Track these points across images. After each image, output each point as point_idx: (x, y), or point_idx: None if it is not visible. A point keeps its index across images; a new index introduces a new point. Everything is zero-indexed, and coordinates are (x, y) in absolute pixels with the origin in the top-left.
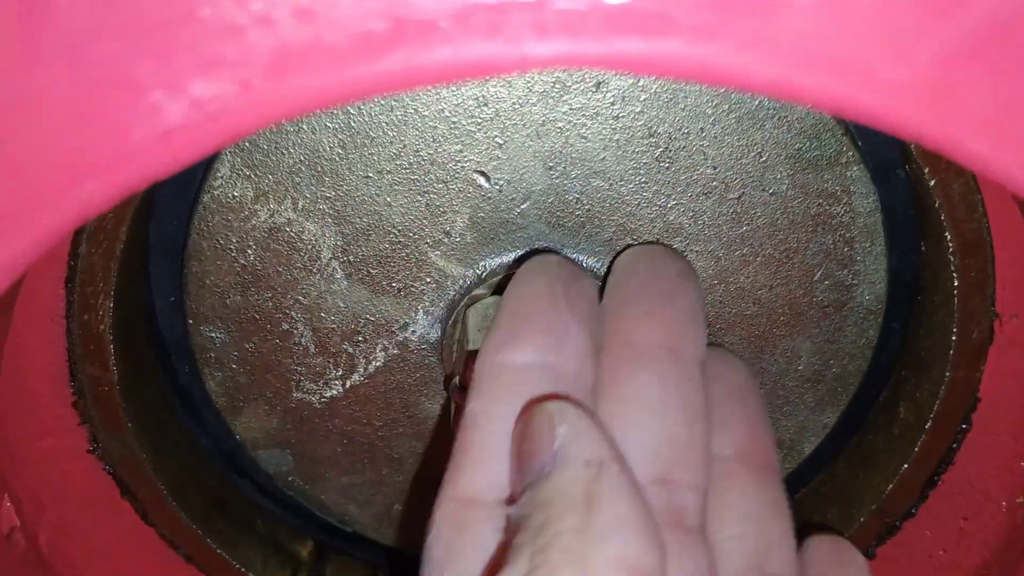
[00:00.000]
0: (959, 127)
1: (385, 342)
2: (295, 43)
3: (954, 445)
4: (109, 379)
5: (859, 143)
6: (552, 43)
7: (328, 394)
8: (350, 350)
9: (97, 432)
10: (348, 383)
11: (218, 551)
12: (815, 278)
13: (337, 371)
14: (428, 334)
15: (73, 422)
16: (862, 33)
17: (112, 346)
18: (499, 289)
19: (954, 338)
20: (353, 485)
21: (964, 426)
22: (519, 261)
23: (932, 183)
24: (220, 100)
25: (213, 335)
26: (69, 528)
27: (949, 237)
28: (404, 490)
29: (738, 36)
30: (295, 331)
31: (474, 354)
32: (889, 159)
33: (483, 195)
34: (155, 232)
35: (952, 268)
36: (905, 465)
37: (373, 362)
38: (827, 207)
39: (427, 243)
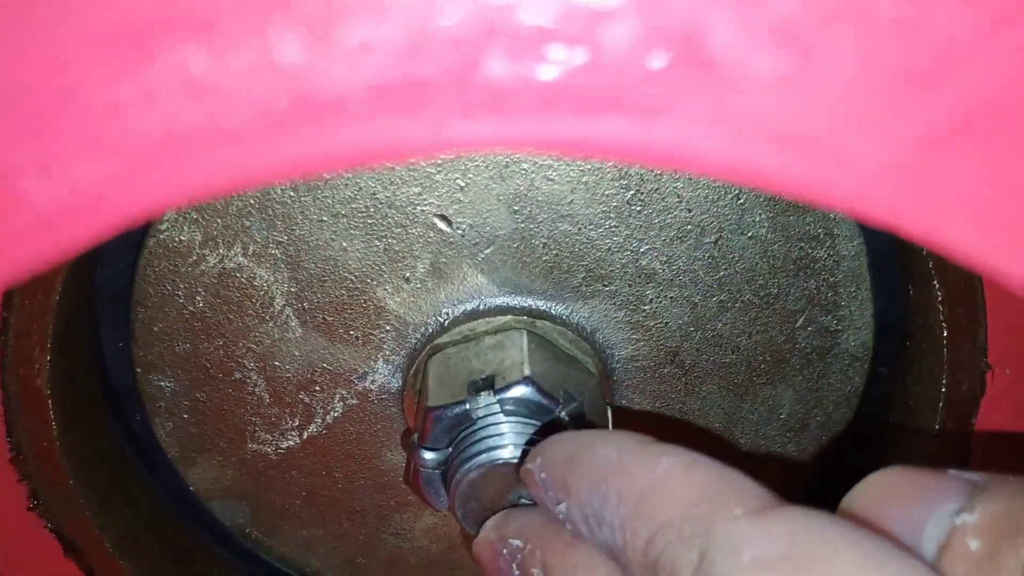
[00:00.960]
0: (941, 215)
1: (343, 392)
2: (185, 123)
3: None
4: (48, 434)
5: None
6: (479, 124)
7: (284, 445)
8: (307, 400)
9: (38, 489)
10: (305, 434)
11: None
12: (797, 324)
13: (294, 421)
14: (389, 383)
15: (12, 478)
16: (834, 111)
17: (50, 400)
18: (464, 338)
19: (943, 389)
20: (314, 538)
21: None
22: (483, 311)
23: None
24: (98, 186)
25: (162, 384)
26: None
27: (937, 285)
28: (367, 543)
29: (691, 114)
30: (248, 380)
31: (432, 410)
32: None
33: (445, 239)
34: (101, 277)
35: (941, 317)
36: None
37: (331, 412)
38: (809, 251)
39: (386, 290)
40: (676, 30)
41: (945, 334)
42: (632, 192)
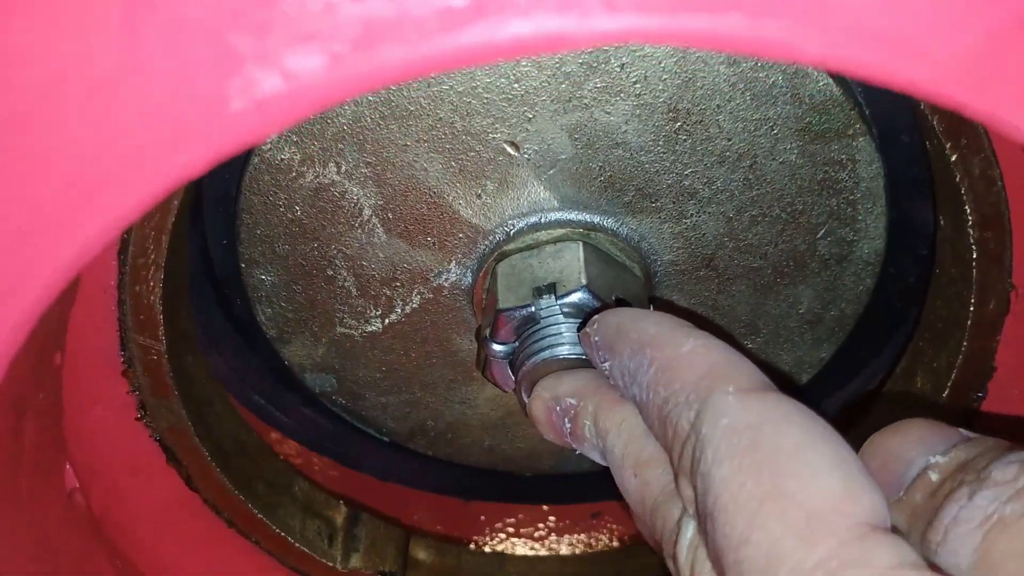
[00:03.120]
0: (1000, 98)
1: (421, 287)
2: (382, 18)
3: (971, 413)
4: (158, 348)
5: (868, 112)
6: (621, 17)
7: (369, 330)
8: (388, 293)
9: (145, 400)
10: (387, 321)
11: (259, 516)
12: (818, 235)
13: (377, 311)
14: (460, 281)
15: (123, 390)
16: (914, 8)
17: (161, 316)
18: (528, 246)
19: (972, 309)
20: (391, 404)
21: (980, 394)
22: (545, 224)
23: (953, 159)
24: (312, 72)
25: (264, 277)
26: (119, 493)
27: (969, 211)
28: (437, 409)
29: (795, 11)
30: (339, 276)
31: (502, 312)
32: (894, 128)
33: (512, 162)
34: (208, 184)
35: (971, 241)
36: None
37: (410, 304)
38: (833, 173)
39: (460, 203)
40: None
41: (974, 256)
42: (679, 124)
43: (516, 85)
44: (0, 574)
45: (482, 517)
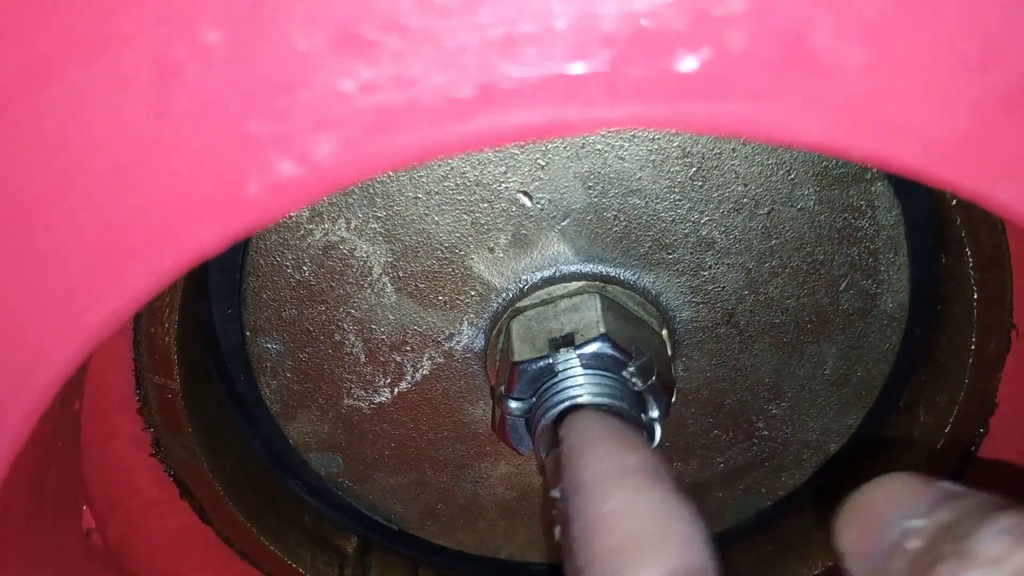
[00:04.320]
0: (990, 177)
1: (432, 351)
2: (394, 106)
3: (973, 448)
4: (172, 387)
5: None
6: (623, 107)
7: (377, 400)
8: (398, 359)
9: (160, 436)
10: (396, 390)
11: (271, 547)
12: (841, 288)
13: (386, 379)
14: (473, 344)
15: (138, 427)
16: (907, 92)
17: (176, 356)
18: (543, 301)
19: (973, 347)
20: (399, 486)
21: (982, 430)
22: (560, 277)
23: (953, 203)
24: (326, 157)
25: (269, 345)
26: (134, 526)
27: (969, 253)
28: (448, 490)
29: (792, 98)
30: (347, 341)
31: (518, 365)
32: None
33: (526, 213)
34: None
35: (972, 281)
36: (925, 467)
37: (420, 370)
38: (852, 220)
39: (472, 259)
40: (784, 31)
41: (975, 296)
42: (694, 169)
43: None
44: None
45: None
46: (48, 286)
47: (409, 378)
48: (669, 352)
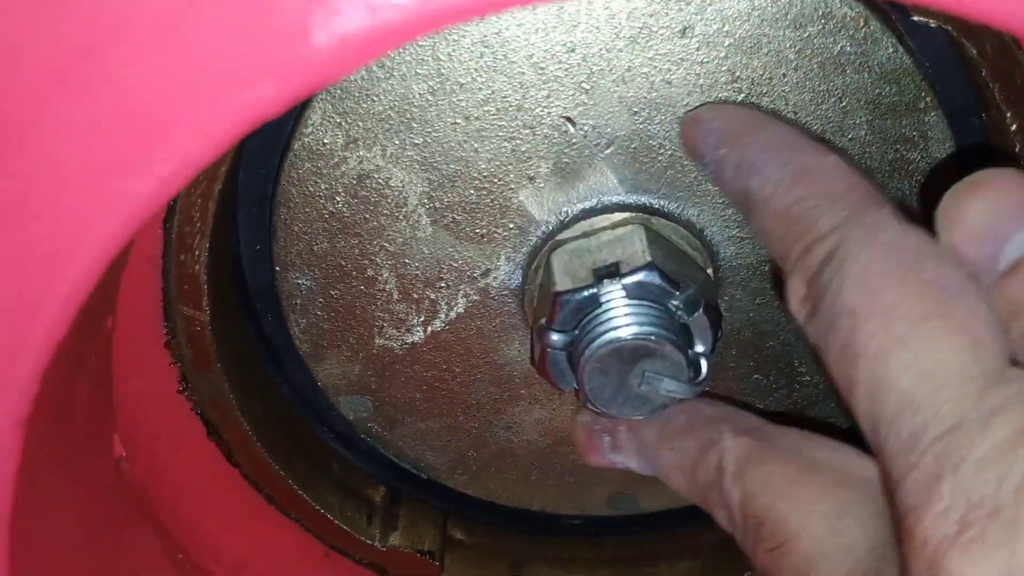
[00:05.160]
0: None
1: (467, 288)
2: None
3: None
4: (202, 319)
5: (937, 88)
6: None
7: (410, 340)
8: (432, 296)
9: (188, 372)
10: (429, 329)
11: (299, 492)
12: None
13: (419, 317)
14: (509, 281)
15: (165, 362)
16: None
17: (206, 287)
18: (584, 233)
19: None
20: (430, 431)
21: None
22: (603, 208)
23: (1013, 127)
24: (394, 6)
25: (300, 281)
26: (160, 466)
27: None
28: (480, 436)
29: None
30: (380, 277)
31: (561, 295)
32: (966, 104)
33: (568, 141)
34: (244, 181)
35: None
36: None
37: (455, 308)
38: (904, 153)
39: (512, 189)
40: None
41: None
42: (743, 95)
43: (573, 54)
44: (47, 534)
45: None
46: (91, 149)
47: (443, 316)
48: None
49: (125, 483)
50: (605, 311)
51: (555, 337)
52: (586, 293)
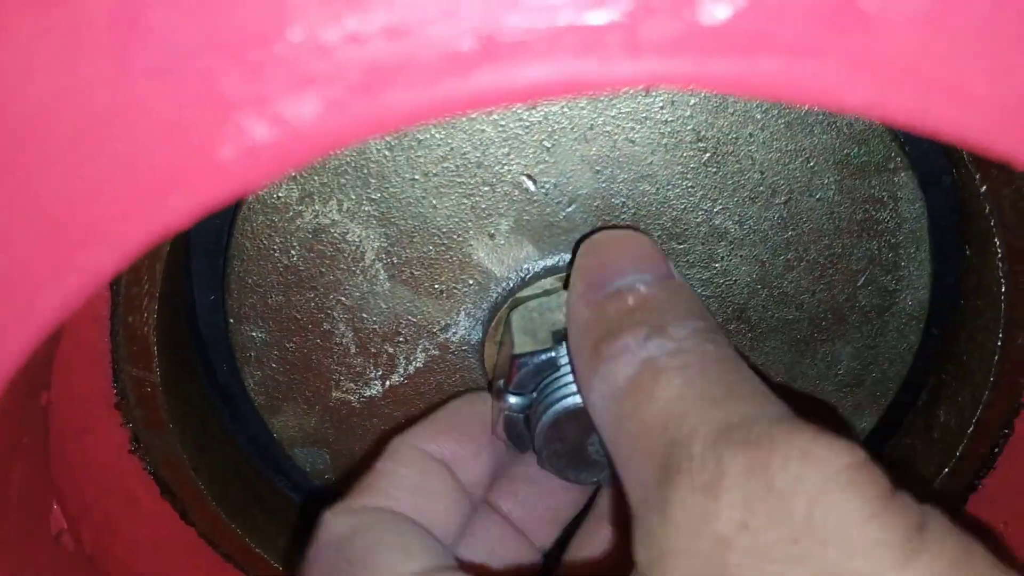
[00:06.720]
0: None
1: (426, 343)
2: (384, 62)
3: (996, 450)
4: (152, 380)
5: (907, 148)
6: (644, 62)
7: (367, 394)
8: (391, 350)
9: (139, 432)
10: (388, 383)
11: (256, 549)
12: (858, 283)
13: (377, 371)
14: (469, 336)
15: (115, 423)
16: (964, 54)
17: (156, 348)
18: (544, 292)
19: (999, 343)
20: None
21: (1007, 431)
22: (564, 266)
23: (983, 189)
24: (306, 119)
25: (254, 334)
26: (112, 527)
27: (998, 243)
28: None
29: (841, 56)
30: (336, 331)
31: (518, 358)
32: (936, 165)
33: (529, 198)
34: (197, 231)
35: (1000, 273)
36: (945, 469)
37: (413, 363)
38: (873, 213)
39: (471, 245)
40: None
41: (1003, 290)
42: (708, 154)
43: (534, 112)
44: None
45: None
46: (10, 251)
47: (402, 370)
48: None
49: (67, 556)
50: (564, 375)
51: (512, 400)
52: (544, 357)
